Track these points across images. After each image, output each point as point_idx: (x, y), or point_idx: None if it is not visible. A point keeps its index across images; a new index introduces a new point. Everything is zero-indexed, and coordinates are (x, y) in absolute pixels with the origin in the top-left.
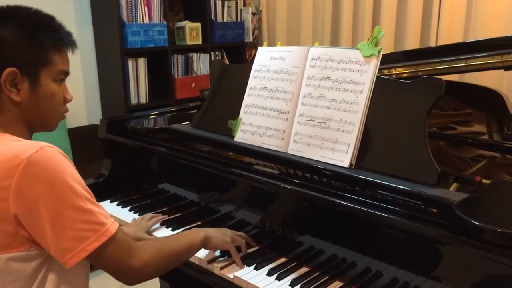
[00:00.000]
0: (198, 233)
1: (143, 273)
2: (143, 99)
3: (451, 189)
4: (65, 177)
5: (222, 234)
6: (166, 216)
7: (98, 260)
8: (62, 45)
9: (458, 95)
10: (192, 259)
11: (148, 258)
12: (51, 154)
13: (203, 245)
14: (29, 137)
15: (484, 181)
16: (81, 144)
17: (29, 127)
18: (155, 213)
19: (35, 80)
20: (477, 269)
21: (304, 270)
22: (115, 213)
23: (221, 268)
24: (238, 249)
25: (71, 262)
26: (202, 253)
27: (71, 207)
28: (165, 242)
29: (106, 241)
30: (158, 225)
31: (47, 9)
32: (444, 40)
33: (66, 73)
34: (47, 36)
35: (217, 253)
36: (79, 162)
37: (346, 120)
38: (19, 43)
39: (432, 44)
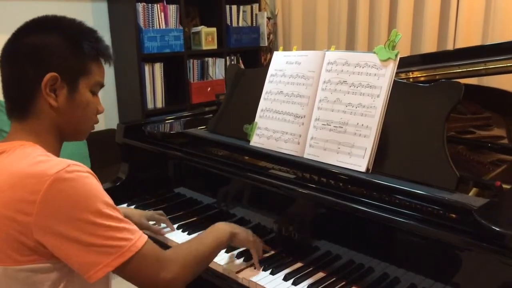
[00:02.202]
0: (224, 229)
1: (175, 285)
2: (159, 104)
3: (470, 194)
4: (89, 195)
5: (246, 232)
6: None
7: (126, 274)
8: (101, 56)
9: (477, 98)
10: None
11: (179, 269)
12: (77, 172)
13: (230, 240)
14: (59, 146)
15: (504, 186)
16: (98, 148)
17: (61, 136)
18: (171, 217)
19: (74, 88)
20: (497, 275)
21: (320, 275)
22: None
23: (237, 272)
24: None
25: (95, 277)
26: (217, 258)
27: (94, 225)
28: (193, 246)
29: (131, 256)
30: (175, 227)
31: (65, 14)
32: (462, 43)
33: (102, 85)
34: (89, 46)
35: (234, 257)
36: (96, 166)
37: (363, 125)
38: (62, 50)
39: (450, 47)
